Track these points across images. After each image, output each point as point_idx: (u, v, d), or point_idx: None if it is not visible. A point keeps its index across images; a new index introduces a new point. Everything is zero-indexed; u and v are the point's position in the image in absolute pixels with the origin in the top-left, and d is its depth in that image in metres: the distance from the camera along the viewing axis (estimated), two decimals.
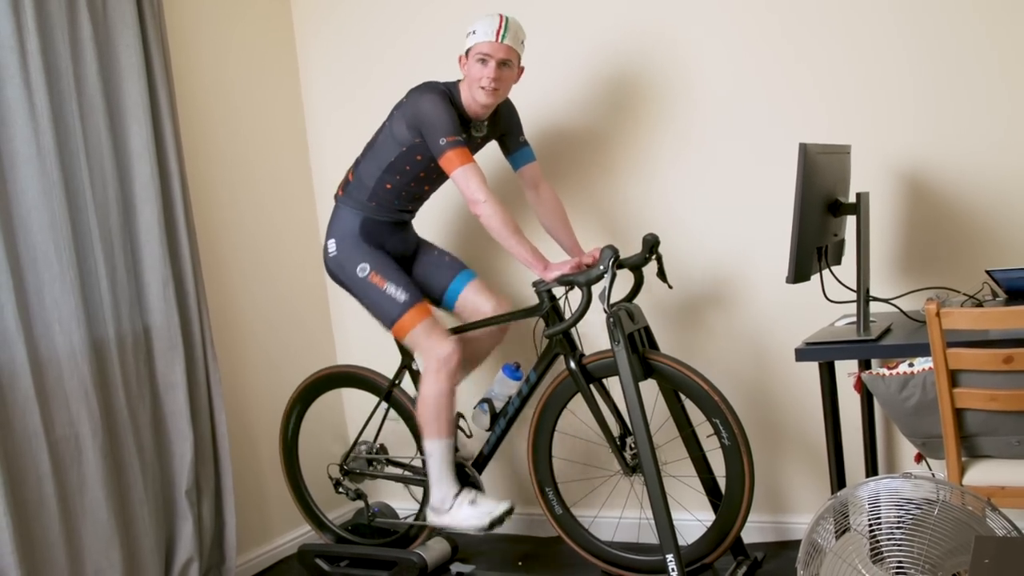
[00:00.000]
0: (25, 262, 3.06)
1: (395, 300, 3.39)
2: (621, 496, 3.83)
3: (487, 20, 3.28)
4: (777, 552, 3.59)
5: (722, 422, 3.15)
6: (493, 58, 3.27)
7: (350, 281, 3.46)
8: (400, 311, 3.38)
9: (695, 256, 3.69)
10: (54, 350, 3.11)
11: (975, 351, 2.50)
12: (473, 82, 3.30)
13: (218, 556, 3.67)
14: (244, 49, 4.06)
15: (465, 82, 3.35)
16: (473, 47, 3.29)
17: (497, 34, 3.27)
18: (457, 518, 3.44)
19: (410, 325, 3.39)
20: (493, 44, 3.27)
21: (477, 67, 3.28)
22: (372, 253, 3.45)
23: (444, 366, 3.37)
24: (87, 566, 3.15)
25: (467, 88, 3.34)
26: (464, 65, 3.33)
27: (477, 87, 3.30)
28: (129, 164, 3.39)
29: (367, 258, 3.44)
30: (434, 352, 3.38)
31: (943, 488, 2.24)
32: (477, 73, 3.29)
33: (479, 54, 3.27)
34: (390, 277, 3.42)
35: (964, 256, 3.29)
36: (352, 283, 3.46)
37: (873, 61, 3.35)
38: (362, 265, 3.43)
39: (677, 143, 3.68)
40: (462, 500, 3.44)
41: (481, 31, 3.28)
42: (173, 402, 3.48)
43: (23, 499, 2.99)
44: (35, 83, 3.06)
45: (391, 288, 3.39)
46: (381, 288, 3.40)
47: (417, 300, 3.40)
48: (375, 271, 3.42)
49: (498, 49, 3.27)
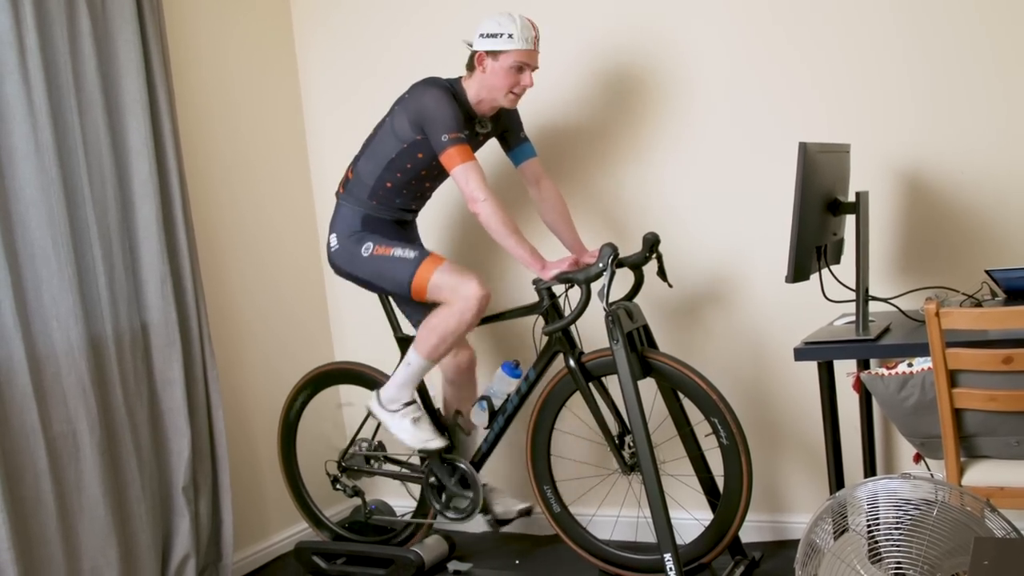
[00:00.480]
0: (23, 258, 3.06)
1: (405, 259, 3.34)
2: (619, 495, 3.83)
3: (518, 25, 3.24)
4: (775, 552, 3.59)
5: (720, 421, 3.15)
6: (531, 67, 3.28)
7: (357, 266, 3.42)
8: (413, 267, 3.32)
9: (695, 255, 3.69)
10: (52, 346, 3.10)
11: (974, 351, 2.49)
12: (500, 86, 3.28)
13: (215, 553, 3.66)
14: (243, 46, 4.05)
15: (476, 80, 3.32)
16: (507, 52, 3.24)
17: (535, 42, 3.27)
18: (394, 424, 3.50)
19: (428, 274, 3.30)
20: (532, 53, 3.28)
21: (511, 74, 3.26)
22: (373, 236, 3.42)
23: (472, 307, 3.28)
24: (84, 563, 3.15)
25: (482, 88, 3.31)
26: (484, 64, 3.28)
27: (506, 92, 3.29)
28: (128, 161, 3.39)
29: (369, 238, 3.41)
30: (463, 292, 3.28)
31: (942, 489, 2.24)
32: (509, 80, 3.27)
33: (517, 62, 3.25)
34: (394, 243, 3.38)
35: (963, 256, 3.29)
36: (360, 267, 3.41)
37: (873, 60, 3.35)
38: (366, 245, 3.40)
39: (677, 141, 3.67)
40: (407, 412, 3.49)
41: (518, 37, 3.23)
42: (171, 399, 3.48)
43: (20, 496, 2.98)
44: (34, 79, 3.05)
45: (398, 250, 3.35)
46: (388, 254, 3.36)
47: (427, 253, 3.36)
48: (378, 244, 3.38)
49: (534, 57, 3.28)
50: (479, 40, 3.28)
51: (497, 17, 3.26)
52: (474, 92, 3.34)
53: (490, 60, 3.27)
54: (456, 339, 3.36)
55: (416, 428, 3.48)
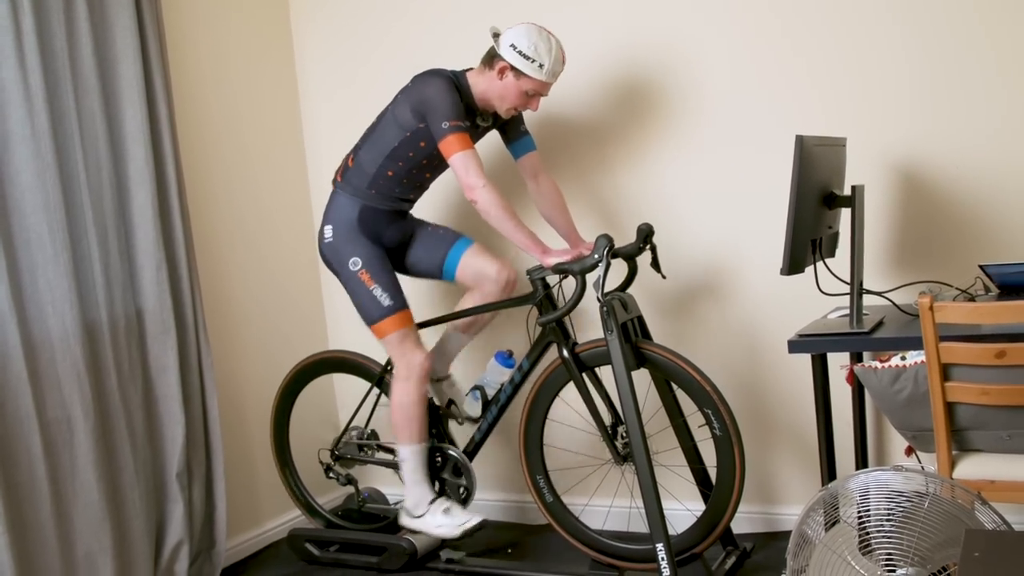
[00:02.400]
0: (19, 244, 3.05)
1: (379, 303, 3.42)
2: (612, 485, 3.85)
3: (552, 57, 3.24)
4: (766, 543, 3.60)
5: (713, 412, 3.16)
6: (543, 95, 3.33)
7: (341, 270, 3.47)
8: (382, 314, 3.42)
9: (689, 247, 3.69)
10: (47, 332, 3.10)
11: (967, 345, 2.51)
12: (508, 100, 3.31)
13: (208, 540, 3.67)
14: (240, 33, 4.04)
15: (488, 80, 3.32)
16: (530, 77, 3.25)
17: (557, 76, 3.31)
18: (429, 525, 3.52)
19: (388, 330, 3.43)
20: (549, 85, 3.31)
21: (522, 96, 3.30)
22: (367, 247, 3.45)
23: (414, 373, 3.44)
24: (78, 548, 3.15)
25: (491, 91, 3.32)
26: (504, 75, 3.28)
27: (508, 105, 3.33)
28: (123, 146, 3.38)
29: (361, 252, 3.44)
30: (406, 359, 3.45)
31: (933, 481, 2.25)
32: (520, 100, 3.31)
33: (533, 90, 3.29)
34: (378, 279, 3.43)
35: (957, 250, 3.30)
36: (342, 273, 3.47)
37: (870, 54, 3.35)
38: (354, 259, 3.43)
39: (672, 134, 3.67)
40: (436, 508, 3.51)
41: (548, 71, 3.25)
42: (165, 385, 3.48)
43: (14, 481, 2.98)
44: (30, 63, 3.04)
45: (378, 290, 3.42)
46: (369, 287, 3.42)
47: (400, 307, 3.44)
48: (366, 269, 3.43)
49: (549, 88, 3.34)
50: (508, 50, 3.25)
51: (537, 38, 3.24)
52: (482, 89, 3.34)
53: (511, 75, 3.28)
54: (422, 407, 3.48)
55: (451, 517, 3.51)
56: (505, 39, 3.26)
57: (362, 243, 3.45)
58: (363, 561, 3.72)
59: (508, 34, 3.27)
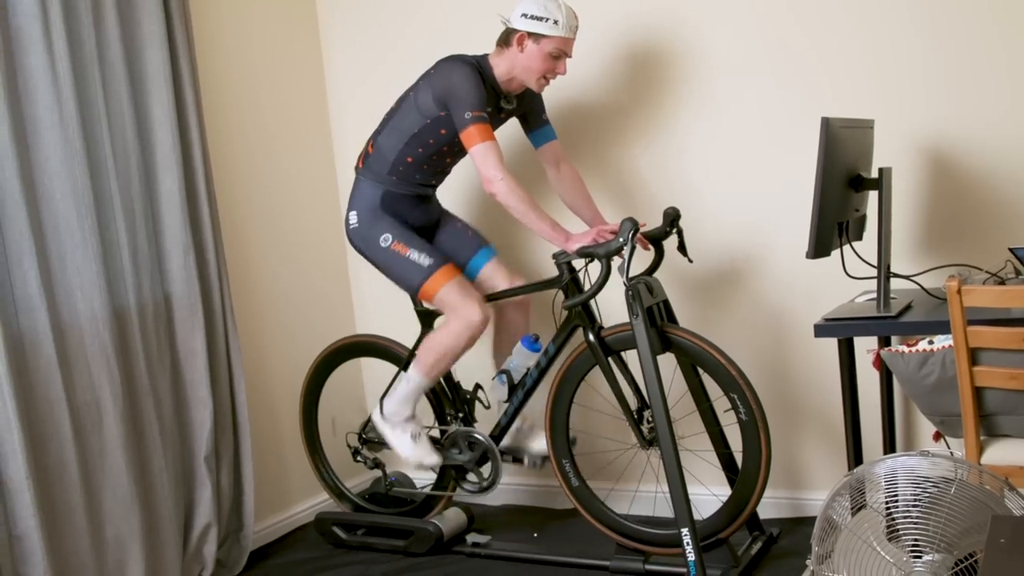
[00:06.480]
0: (47, 229, 3.08)
1: (419, 265, 3.41)
2: (637, 469, 3.84)
3: (563, 12, 3.24)
4: (792, 528, 3.59)
5: (740, 397, 3.15)
6: (568, 55, 3.30)
7: (373, 252, 3.47)
8: (425, 275, 3.40)
9: (715, 230, 3.67)
10: (76, 317, 3.13)
11: (996, 329, 2.48)
12: (535, 69, 3.29)
13: (236, 523, 3.70)
14: (266, 19, 4.05)
15: (510, 58, 3.31)
16: (549, 38, 3.24)
17: (575, 30, 3.27)
18: (394, 436, 3.60)
19: (436, 287, 3.40)
20: (572, 42, 3.29)
21: (547, 60, 3.27)
22: (394, 224, 3.46)
23: (470, 330, 3.41)
24: (107, 530, 3.19)
25: (515, 67, 3.31)
26: (524, 45, 3.27)
27: (539, 76, 3.30)
28: (151, 132, 3.40)
29: (389, 228, 3.45)
30: (464, 314, 3.40)
31: (961, 467, 2.24)
32: (546, 65, 3.28)
33: (556, 49, 3.26)
34: (413, 244, 3.43)
35: (987, 233, 3.27)
36: (375, 254, 3.47)
37: (897, 33, 3.32)
38: (385, 236, 3.44)
39: (698, 116, 3.65)
40: (407, 427, 3.58)
41: (563, 25, 3.24)
42: (193, 370, 3.50)
43: (45, 464, 3.02)
44: (58, 50, 3.06)
45: (414, 254, 3.42)
46: (404, 255, 3.42)
47: (441, 264, 3.42)
48: (397, 240, 3.43)
49: (572, 46, 3.30)
50: (521, 20, 3.26)
51: (542, 0, 3.25)
52: (505, 69, 3.33)
53: (530, 42, 3.27)
54: (454, 358, 3.47)
55: (414, 444, 3.58)
56: (515, 14, 3.29)
57: (389, 221, 3.46)
58: (390, 544, 3.74)
59: (516, 9, 3.29)
